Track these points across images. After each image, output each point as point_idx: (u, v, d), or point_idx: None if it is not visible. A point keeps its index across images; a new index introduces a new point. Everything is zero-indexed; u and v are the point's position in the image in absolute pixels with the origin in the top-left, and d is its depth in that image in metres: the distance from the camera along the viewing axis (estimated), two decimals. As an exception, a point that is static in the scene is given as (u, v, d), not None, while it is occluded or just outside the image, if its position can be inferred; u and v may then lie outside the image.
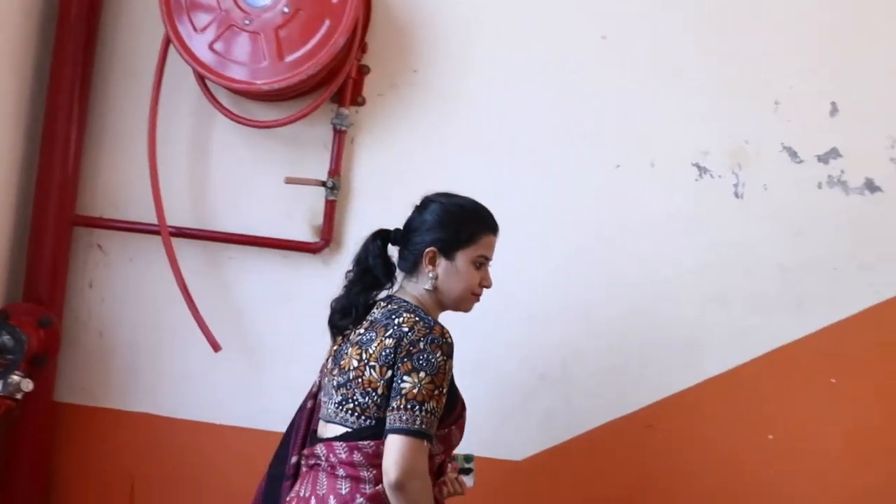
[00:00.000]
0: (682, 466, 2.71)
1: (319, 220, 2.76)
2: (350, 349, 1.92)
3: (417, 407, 1.76)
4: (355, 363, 1.87)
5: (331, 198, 2.73)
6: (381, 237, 2.04)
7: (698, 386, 2.71)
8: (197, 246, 2.80)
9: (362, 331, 1.93)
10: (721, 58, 2.77)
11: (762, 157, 2.75)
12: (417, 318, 1.87)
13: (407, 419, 1.76)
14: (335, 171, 2.74)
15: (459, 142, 2.78)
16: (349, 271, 2.04)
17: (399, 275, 2.05)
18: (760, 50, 2.76)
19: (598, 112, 2.77)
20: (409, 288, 2.00)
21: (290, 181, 2.69)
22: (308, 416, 2.06)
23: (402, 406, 1.77)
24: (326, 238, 2.74)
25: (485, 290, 2.04)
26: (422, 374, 1.79)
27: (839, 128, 2.74)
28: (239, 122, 2.71)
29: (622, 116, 2.77)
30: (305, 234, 2.78)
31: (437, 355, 1.82)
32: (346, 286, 2.03)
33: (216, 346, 2.68)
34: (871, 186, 2.73)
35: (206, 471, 2.79)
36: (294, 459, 2.02)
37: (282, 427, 2.17)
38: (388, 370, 1.82)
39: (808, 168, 2.74)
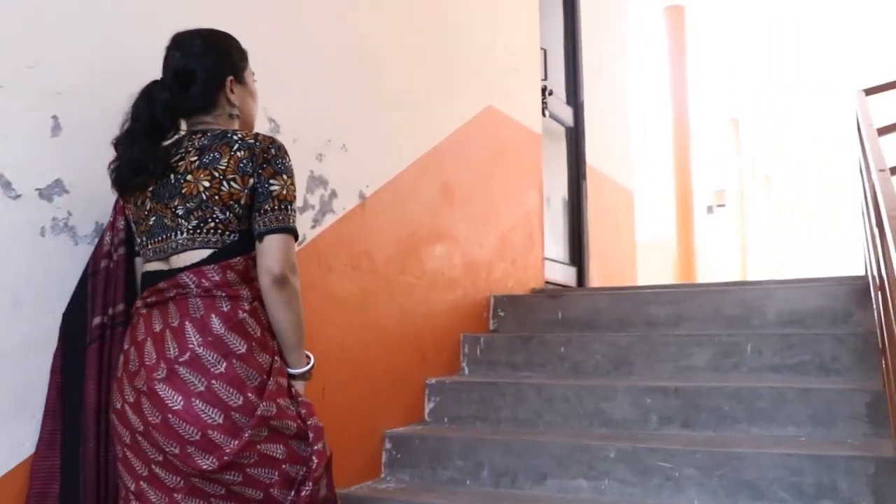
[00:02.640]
0: None
1: None
2: (189, 176, 1.84)
3: (287, 206, 1.85)
4: (206, 184, 1.83)
5: None
6: (159, 87, 1.91)
7: None
8: None
9: (194, 159, 1.86)
10: None
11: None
12: (253, 132, 1.91)
13: (282, 218, 1.84)
14: None
15: None
16: (129, 128, 1.88)
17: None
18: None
19: None
20: (208, 122, 1.95)
21: None
22: (105, 275, 1.96)
23: (275, 207, 1.83)
24: None
25: None
26: (285, 177, 1.86)
27: (61, 151, 2.00)
28: None
29: None
30: None
31: (288, 160, 1.89)
32: (126, 144, 1.87)
33: None
34: (99, 229, 2.07)
35: None
36: (97, 321, 1.93)
37: None
38: (249, 178, 1.84)
39: (27, 205, 1.92)
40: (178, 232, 1.84)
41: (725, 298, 3.64)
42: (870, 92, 4.04)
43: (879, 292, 2.79)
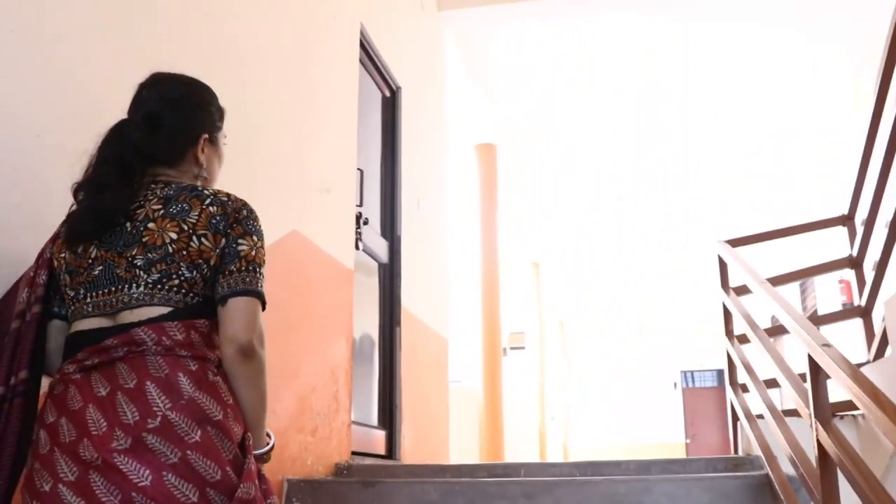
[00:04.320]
0: None
1: None
2: (152, 224, 1.64)
3: (256, 269, 1.66)
4: (174, 235, 1.63)
5: None
6: (130, 127, 1.72)
7: None
8: None
9: (157, 207, 1.66)
10: None
11: None
12: (223, 191, 1.72)
13: (249, 280, 1.64)
14: None
15: None
16: (96, 172, 1.67)
17: None
18: None
19: None
20: (171, 175, 1.75)
21: None
22: (15, 336, 1.64)
23: (243, 268, 1.65)
24: None
25: None
26: (255, 238, 1.69)
27: None
28: None
29: None
30: None
31: (259, 223, 1.72)
32: (93, 190, 1.67)
33: None
34: None
35: None
36: (24, 374, 1.62)
37: None
38: (221, 238, 1.66)
39: None
40: (135, 284, 1.62)
41: (592, 493, 2.82)
42: (737, 243, 3.52)
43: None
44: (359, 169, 4.28)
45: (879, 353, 3.19)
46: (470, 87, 8.19)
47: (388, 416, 4.63)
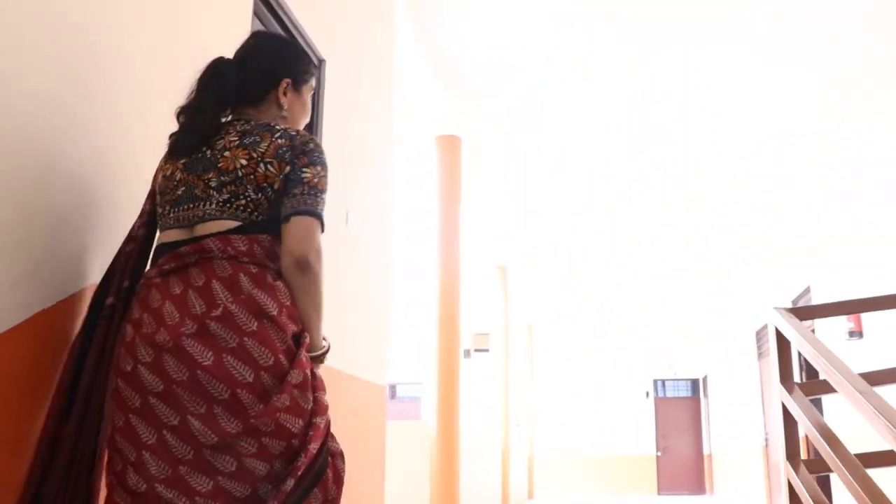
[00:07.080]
0: None
1: None
2: (227, 153, 1.87)
3: (318, 193, 1.85)
4: (244, 162, 1.86)
5: None
6: (226, 64, 1.98)
7: None
8: None
9: (234, 139, 1.89)
10: None
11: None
12: (296, 129, 1.93)
13: (310, 202, 1.83)
14: None
15: None
16: (196, 98, 1.93)
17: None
18: None
19: None
20: (252, 115, 1.98)
21: None
22: (126, 257, 1.95)
23: (305, 192, 1.83)
24: None
25: None
26: (318, 168, 1.88)
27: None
28: None
29: None
30: None
31: (324, 156, 1.92)
32: (193, 112, 1.92)
33: None
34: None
35: None
36: (110, 300, 1.91)
37: None
38: (286, 165, 1.85)
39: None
40: (208, 202, 1.83)
41: None
42: (806, 314, 2.28)
43: None
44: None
45: None
46: (430, 69, 6.88)
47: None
